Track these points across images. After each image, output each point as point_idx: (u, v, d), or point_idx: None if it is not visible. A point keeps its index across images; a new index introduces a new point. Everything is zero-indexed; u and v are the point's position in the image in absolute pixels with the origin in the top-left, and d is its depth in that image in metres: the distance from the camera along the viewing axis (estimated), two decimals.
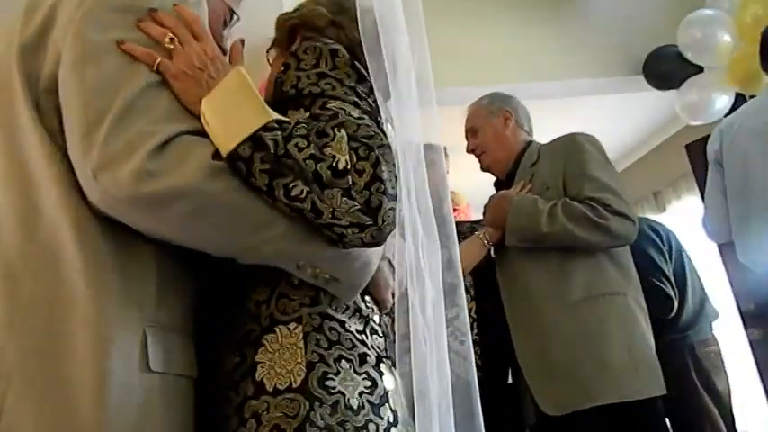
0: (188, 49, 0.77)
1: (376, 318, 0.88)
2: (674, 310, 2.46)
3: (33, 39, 0.76)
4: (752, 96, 2.81)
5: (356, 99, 0.86)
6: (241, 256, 0.78)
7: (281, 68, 0.92)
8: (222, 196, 0.71)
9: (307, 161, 0.71)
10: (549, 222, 1.57)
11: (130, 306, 0.71)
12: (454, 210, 2.81)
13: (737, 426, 2.56)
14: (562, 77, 3.17)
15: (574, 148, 1.71)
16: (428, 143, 0.89)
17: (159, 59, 0.75)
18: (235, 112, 0.73)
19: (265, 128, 0.72)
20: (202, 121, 0.74)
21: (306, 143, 0.71)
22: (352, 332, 0.82)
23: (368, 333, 0.85)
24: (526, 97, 3.26)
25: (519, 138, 1.93)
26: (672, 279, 2.51)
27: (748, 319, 3.01)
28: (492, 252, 1.82)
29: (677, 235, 2.70)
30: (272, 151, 0.70)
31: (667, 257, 2.59)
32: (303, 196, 0.70)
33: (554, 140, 1.83)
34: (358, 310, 0.85)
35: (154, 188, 0.67)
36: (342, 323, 0.81)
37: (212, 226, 0.73)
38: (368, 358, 0.80)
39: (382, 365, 0.82)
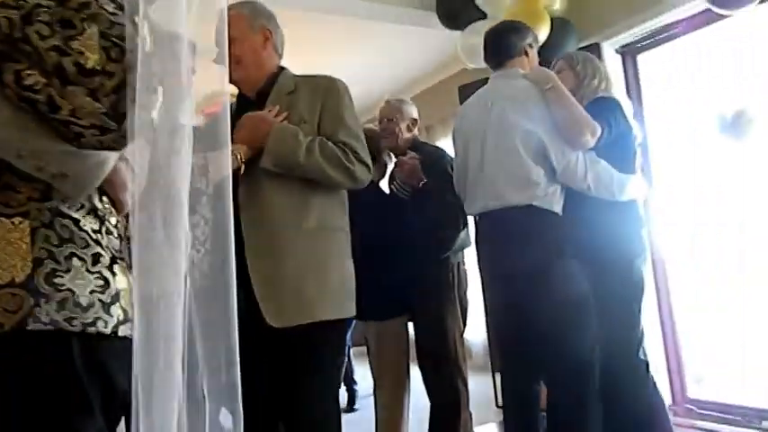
0: None
1: (113, 219, 0.87)
2: None
3: None
4: None
5: None
6: None
7: None
8: None
9: (49, 52, 0.67)
10: (306, 155, 1.74)
11: None
12: None
13: None
14: None
15: (335, 92, 1.87)
16: (174, 32, 0.75)
17: None
18: None
19: (2, 3, 0.67)
20: None
21: (49, 31, 0.67)
22: (86, 231, 0.80)
23: (103, 233, 0.84)
24: (327, 10, 3.22)
25: (273, 61, 1.95)
26: None
27: None
28: (242, 170, 1.82)
29: None
30: (4, 30, 0.65)
31: None
32: (38, 87, 0.68)
33: (312, 77, 1.93)
34: (94, 209, 0.83)
35: None
36: (76, 221, 0.79)
37: None
38: (101, 258, 0.80)
39: (116, 266, 0.82)
